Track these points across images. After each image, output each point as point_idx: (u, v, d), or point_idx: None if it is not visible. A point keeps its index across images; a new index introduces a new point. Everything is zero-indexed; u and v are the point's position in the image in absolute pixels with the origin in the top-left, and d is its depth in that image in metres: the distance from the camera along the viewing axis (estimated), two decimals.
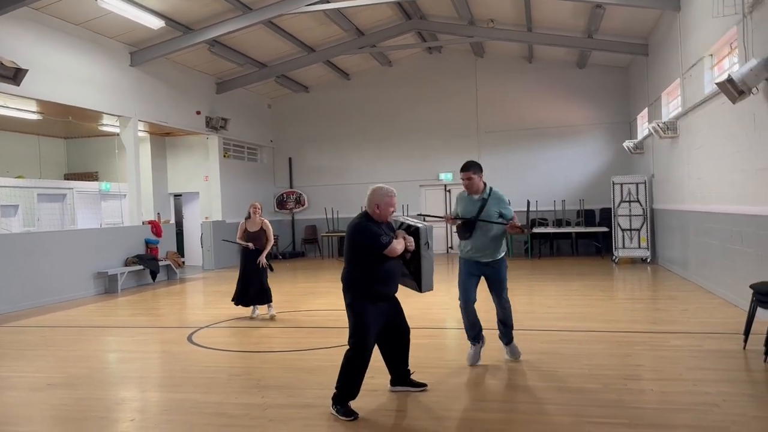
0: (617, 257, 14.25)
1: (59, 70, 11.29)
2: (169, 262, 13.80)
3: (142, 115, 13.58)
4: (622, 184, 14.30)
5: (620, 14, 12.63)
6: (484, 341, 5.67)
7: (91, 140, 16.95)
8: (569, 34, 14.56)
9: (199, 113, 15.61)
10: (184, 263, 14.83)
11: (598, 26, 13.36)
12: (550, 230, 16.33)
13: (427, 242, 4.70)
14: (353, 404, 4.44)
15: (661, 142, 12.17)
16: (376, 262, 4.48)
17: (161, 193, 17.07)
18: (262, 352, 6.74)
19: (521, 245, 16.49)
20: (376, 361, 4.73)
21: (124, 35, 12.63)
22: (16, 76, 9.50)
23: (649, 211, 14.02)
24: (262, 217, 8.82)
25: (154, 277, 13.21)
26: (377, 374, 4.88)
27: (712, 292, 9.20)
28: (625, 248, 14.20)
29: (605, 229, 15.46)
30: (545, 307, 9.14)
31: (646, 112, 14.22)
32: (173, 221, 16.09)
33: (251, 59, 15.65)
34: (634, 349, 6.17)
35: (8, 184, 13.77)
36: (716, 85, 7.39)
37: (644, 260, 14.02)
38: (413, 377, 4.95)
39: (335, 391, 4.45)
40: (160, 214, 15.81)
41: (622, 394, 4.74)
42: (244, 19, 12.74)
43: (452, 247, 17.73)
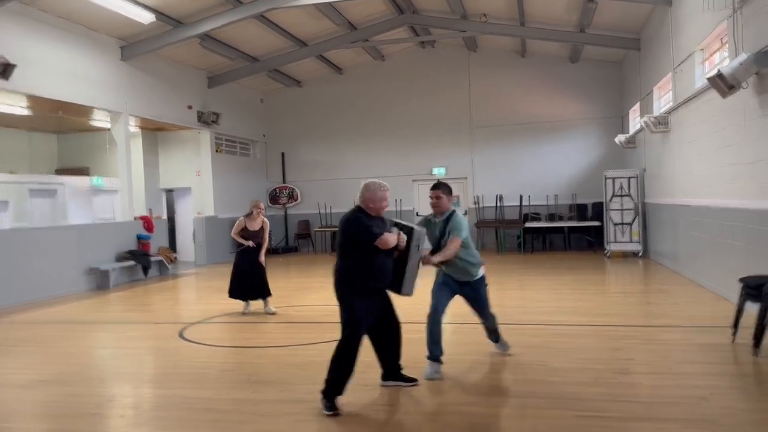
0: (609, 251, 14.30)
1: (49, 65, 11.20)
2: (161, 257, 13.75)
3: (133, 110, 13.50)
4: (614, 178, 14.34)
5: (612, 9, 12.64)
6: (441, 363, 5.22)
7: (82, 135, 16.84)
8: (562, 28, 14.56)
9: (190, 108, 15.53)
10: (176, 259, 14.78)
11: (590, 21, 13.37)
12: (542, 225, 16.36)
13: (418, 245, 4.67)
14: (344, 399, 4.45)
15: (652, 136, 12.21)
16: (368, 254, 4.47)
17: (153, 188, 16.99)
18: (253, 347, 6.74)
19: (514, 240, 16.53)
20: (367, 356, 4.74)
21: (114, 30, 12.54)
22: (5, 71, 9.45)
23: (640, 205, 14.07)
24: (263, 215, 8.67)
25: (145, 272, 13.16)
26: (368, 369, 4.89)
27: (702, 285, 9.25)
28: (616, 242, 14.26)
29: (597, 223, 15.51)
30: (537, 301, 9.17)
31: (638, 106, 14.25)
32: (165, 217, 16.04)
33: (243, 53, 15.58)
34: (624, 342, 6.20)
35: None
36: (707, 79, 7.41)
37: (636, 254, 14.08)
38: (404, 372, 4.95)
39: (324, 383, 4.45)
40: (151, 209, 15.75)
41: (612, 387, 4.77)
42: (235, 12, 12.66)
43: None
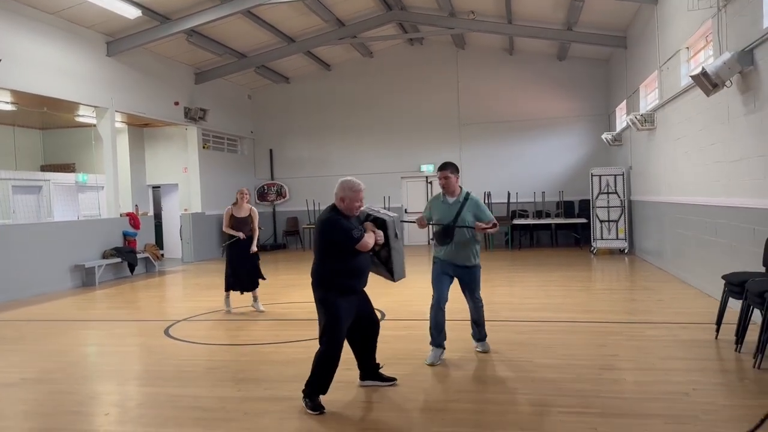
0: (595, 248, 14.39)
1: (34, 60, 11.09)
2: (147, 254, 13.68)
3: (119, 105, 13.40)
4: (600, 175, 14.43)
5: (599, 7, 12.70)
6: (444, 350, 5.55)
7: (67, 131, 16.71)
8: (549, 26, 14.61)
9: (177, 104, 15.44)
10: (163, 256, 14.70)
11: (577, 19, 13.43)
12: (530, 222, 16.45)
13: (395, 233, 4.71)
14: (326, 398, 4.44)
15: (638, 134, 12.29)
16: (347, 256, 4.44)
17: (139, 184, 16.89)
18: (239, 345, 6.72)
19: (501, 237, 16.58)
20: (349, 353, 4.74)
21: (100, 25, 12.43)
22: None
23: (626, 202, 14.17)
24: (248, 203, 8.70)
25: (132, 269, 13.09)
26: (352, 366, 4.89)
27: (686, 282, 9.34)
28: (603, 239, 14.36)
29: (584, 220, 15.61)
30: (523, 297, 9.21)
31: (624, 104, 14.34)
32: (152, 213, 15.94)
33: (230, 49, 15.50)
34: (609, 339, 6.25)
35: None
36: (691, 78, 7.46)
37: (622, 251, 14.18)
38: (382, 371, 4.93)
39: (306, 384, 4.44)
40: (138, 206, 15.65)
41: (595, 384, 4.80)
42: (222, 8, 12.60)
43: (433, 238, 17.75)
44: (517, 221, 16.24)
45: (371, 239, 4.48)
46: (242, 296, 8.79)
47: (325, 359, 4.43)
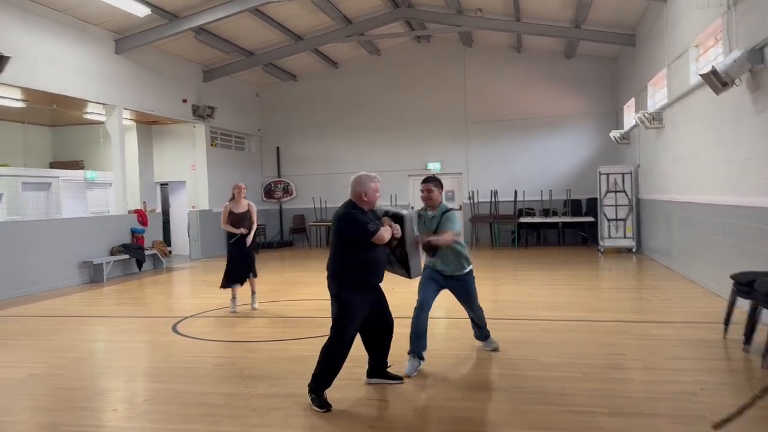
0: (603, 247, 14.34)
1: (43, 57, 11.14)
2: (155, 251, 13.74)
3: (127, 103, 13.45)
4: (608, 174, 14.36)
5: (608, 4, 12.64)
6: (423, 362, 5.26)
7: (76, 128, 16.80)
8: (557, 24, 14.55)
9: (185, 101, 15.48)
10: (170, 252, 14.76)
11: (585, 16, 13.36)
12: (537, 220, 16.39)
13: (412, 228, 4.72)
14: (333, 393, 4.46)
15: (647, 132, 12.24)
16: (363, 250, 4.47)
17: (147, 181, 16.98)
18: (246, 341, 6.73)
19: (509, 235, 16.55)
20: (358, 350, 4.74)
21: (109, 22, 12.48)
22: None
23: (634, 201, 14.11)
24: (245, 198, 8.66)
25: (140, 266, 13.16)
26: (359, 364, 4.90)
27: (694, 281, 9.30)
28: (610, 238, 14.30)
29: (591, 219, 15.55)
30: (529, 296, 9.19)
31: (632, 102, 14.27)
32: (159, 210, 16.01)
33: (238, 47, 15.53)
34: (616, 338, 6.23)
35: None
36: (700, 76, 7.42)
37: (629, 250, 14.12)
38: (390, 370, 4.93)
39: (311, 378, 4.46)
40: (146, 203, 15.73)
41: (602, 383, 4.79)
42: (230, 6, 12.61)
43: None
44: (523, 219, 16.19)
45: (387, 232, 4.50)
46: (245, 295, 8.75)
47: (331, 352, 4.45)
